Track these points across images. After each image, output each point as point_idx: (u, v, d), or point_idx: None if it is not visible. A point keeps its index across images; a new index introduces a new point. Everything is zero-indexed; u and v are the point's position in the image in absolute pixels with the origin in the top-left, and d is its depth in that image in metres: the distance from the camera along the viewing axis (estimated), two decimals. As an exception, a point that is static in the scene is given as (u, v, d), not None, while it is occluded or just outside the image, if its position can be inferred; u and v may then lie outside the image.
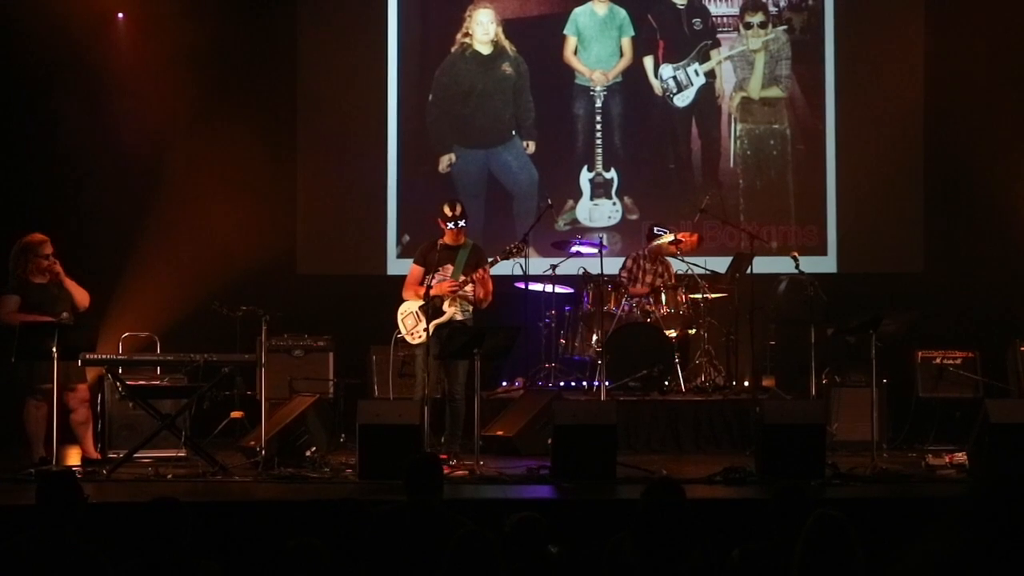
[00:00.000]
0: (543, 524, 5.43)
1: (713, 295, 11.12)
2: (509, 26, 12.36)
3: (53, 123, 11.48)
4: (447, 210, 9.43)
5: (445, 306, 9.33)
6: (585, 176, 12.32)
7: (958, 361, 10.61)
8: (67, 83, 11.42)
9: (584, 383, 10.83)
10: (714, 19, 12.41)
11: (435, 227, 9.59)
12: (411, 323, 9.39)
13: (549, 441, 8.65)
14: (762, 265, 10.81)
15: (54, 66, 11.35)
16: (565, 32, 12.38)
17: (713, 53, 12.36)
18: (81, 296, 9.37)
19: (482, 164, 12.38)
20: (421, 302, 9.26)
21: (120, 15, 11.79)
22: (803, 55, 12.41)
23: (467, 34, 12.34)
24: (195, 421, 9.50)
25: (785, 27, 12.39)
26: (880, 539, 6.39)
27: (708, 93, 12.37)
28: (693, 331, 11.09)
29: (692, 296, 11.06)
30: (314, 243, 12.20)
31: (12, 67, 11.35)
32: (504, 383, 11.31)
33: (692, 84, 12.37)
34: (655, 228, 11.27)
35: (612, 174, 12.32)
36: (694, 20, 12.39)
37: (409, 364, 9.79)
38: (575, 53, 12.39)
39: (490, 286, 9.41)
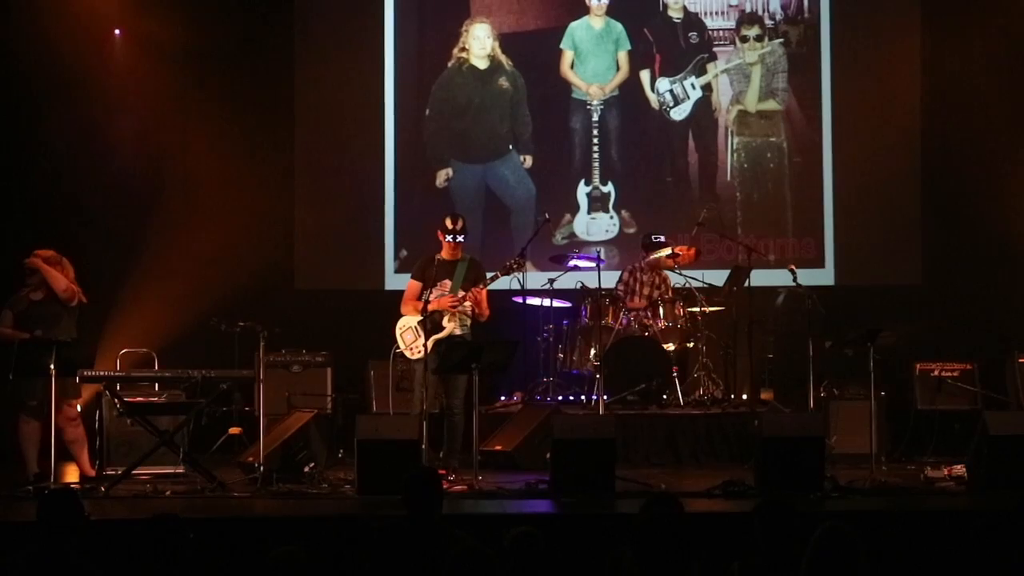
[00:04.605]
0: (542, 539, 5.42)
1: (711, 308, 11.11)
2: (506, 40, 12.37)
3: (50, 139, 11.47)
4: (448, 223, 9.41)
5: (444, 321, 9.31)
6: (582, 190, 12.32)
7: (956, 373, 10.62)
8: (64, 99, 11.42)
9: (582, 397, 10.82)
10: (710, 32, 12.42)
11: (433, 241, 9.58)
12: (410, 338, 9.37)
13: (548, 455, 8.64)
14: (760, 278, 10.80)
15: (51, 82, 11.34)
16: (561, 46, 12.39)
17: (710, 66, 12.38)
18: (57, 284, 9.18)
19: (479, 178, 12.38)
20: (420, 317, 9.25)
21: (117, 31, 11.81)
22: (800, 68, 12.41)
23: (464, 48, 12.35)
24: (193, 437, 9.50)
25: (781, 40, 12.40)
26: (879, 552, 6.39)
27: (705, 106, 12.38)
28: (691, 344, 11.08)
29: (690, 309, 11.05)
30: (312, 258, 12.19)
31: (9, 84, 11.36)
32: (503, 397, 11.30)
33: (689, 97, 12.38)
34: (652, 236, 11.27)
35: (609, 188, 12.32)
36: (690, 33, 12.40)
37: (407, 379, 9.76)
38: (572, 67, 12.40)
39: (485, 304, 9.38)
